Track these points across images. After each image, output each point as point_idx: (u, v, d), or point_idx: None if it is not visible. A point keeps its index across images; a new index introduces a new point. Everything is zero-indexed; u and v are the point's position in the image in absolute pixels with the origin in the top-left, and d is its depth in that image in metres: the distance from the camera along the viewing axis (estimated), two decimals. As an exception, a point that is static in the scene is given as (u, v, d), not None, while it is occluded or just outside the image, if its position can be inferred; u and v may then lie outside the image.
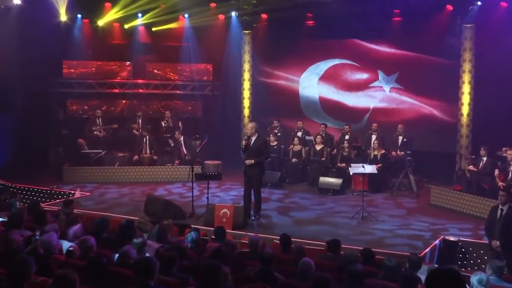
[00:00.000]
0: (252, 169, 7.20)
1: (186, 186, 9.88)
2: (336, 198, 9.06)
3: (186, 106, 13.31)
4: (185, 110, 13.26)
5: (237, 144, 11.51)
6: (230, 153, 11.41)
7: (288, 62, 12.30)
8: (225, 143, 12.13)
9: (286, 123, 11.77)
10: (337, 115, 11.94)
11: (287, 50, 12.17)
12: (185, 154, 10.86)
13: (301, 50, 12.09)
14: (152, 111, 13.08)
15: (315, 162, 10.13)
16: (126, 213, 7.66)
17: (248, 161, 7.17)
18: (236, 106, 12.58)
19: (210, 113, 12.78)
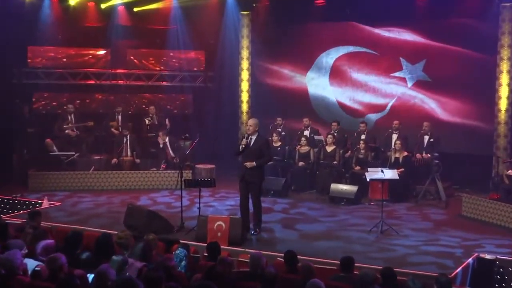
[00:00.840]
0: (252, 173, 7.20)
1: (173, 194, 9.90)
2: (350, 209, 9.05)
3: (174, 101, 13.37)
4: (172, 105, 13.32)
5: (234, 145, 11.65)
6: (225, 156, 11.46)
7: (293, 48, 12.33)
8: (220, 143, 12.17)
9: (292, 121, 11.83)
10: (352, 111, 11.99)
11: (292, 34, 12.21)
12: (173, 157, 10.88)
13: (309, 34, 12.14)
14: (134, 106, 13.13)
15: (326, 166, 10.15)
16: (103, 226, 7.65)
17: (249, 163, 7.17)
18: (232, 100, 12.62)
19: (202, 109, 12.84)
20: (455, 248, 6.95)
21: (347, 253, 5.78)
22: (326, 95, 12.27)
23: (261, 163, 7.28)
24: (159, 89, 13.00)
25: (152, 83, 12.86)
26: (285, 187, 10.04)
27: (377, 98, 11.78)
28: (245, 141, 7.19)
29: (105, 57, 12.80)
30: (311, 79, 12.37)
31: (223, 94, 12.65)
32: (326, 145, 10.44)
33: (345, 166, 10.43)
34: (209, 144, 12.13)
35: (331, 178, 9.87)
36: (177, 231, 7.43)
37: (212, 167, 10.85)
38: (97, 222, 8.04)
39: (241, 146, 7.19)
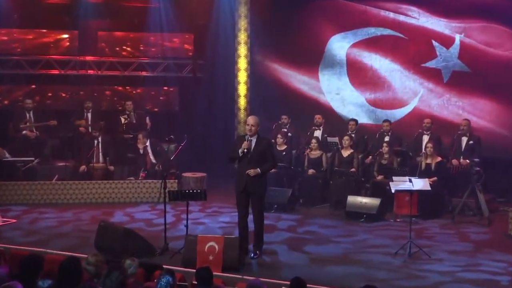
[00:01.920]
0: (255, 182, 7.20)
1: (155, 209, 9.93)
2: (371, 227, 9.05)
3: (155, 95, 13.43)
4: (154, 100, 13.37)
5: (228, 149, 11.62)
6: (218, 162, 11.48)
7: (301, 30, 12.41)
8: (212, 147, 12.23)
9: (300, 119, 11.89)
10: (373, 107, 12.09)
11: (300, 12, 12.28)
12: (154, 164, 10.91)
13: (321, 13, 12.21)
14: (107, 101, 13.16)
15: (341, 175, 10.17)
16: (69, 248, 7.64)
17: (253, 171, 7.17)
18: (227, 94, 12.69)
19: (190, 105, 12.88)
20: (501, 275, 6.93)
21: (368, 281, 5.79)
22: (341, 87, 12.35)
23: (266, 169, 7.30)
24: (138, 81, 13.07)
25: (129, 74, 12.91)
26: (292, 200, 10.06)
27: (404, 91, 11.87)
28: (246, 144, 7.19)
29: (71, 41, 12.84)
30: (324, 67, 12.45)
31: (216, 86, 12.70)
32: (342, 149, 10.46)
33: (365, 174, 10.45)
34: (198, 148, 12.17)
35: (348, 189, 9.87)
36: (159, 254, 7.42)
37: (203, 176, 10.87)
38: (61, 243, 8.02)
39: (244, 150, 7.17)
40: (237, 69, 12.57)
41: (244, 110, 12.54)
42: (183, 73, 13.11)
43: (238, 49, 12.50)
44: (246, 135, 7.28)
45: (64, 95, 13.05)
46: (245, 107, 12.57)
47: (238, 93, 12.59)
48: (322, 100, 12.42)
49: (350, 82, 12.30)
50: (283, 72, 12.61)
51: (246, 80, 12.59)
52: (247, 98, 12.58)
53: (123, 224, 8.35)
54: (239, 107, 12.60)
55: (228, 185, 11.12)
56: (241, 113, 12.57)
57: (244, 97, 12.59)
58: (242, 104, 12.59)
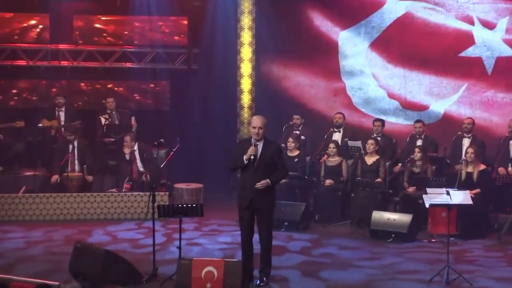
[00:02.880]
0: (263, 196, 7.16)
1: (142, 227, 9.94)
2: (401, 248, 8.98)
3: (142, 91, 13.42)
4: (141, 97, 13.38)
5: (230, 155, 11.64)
6: (217, 170, 11.48)
7: (316, 11, 12.47)
8: (210, 153, 12.26)
9: (316, 118, 11.89)
10: (402, 105, 12.11)
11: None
12: (142, 173, 10.93)
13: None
14: (84, 98, 13.19)
15: (365, 186, 10.16)
16: (39, 274, 7.59)
17: (261, 183, 7.14)
18: (228, 89, 12.70)
19: (184, 102, 12.91)
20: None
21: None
22: (364, 81, 12.37)
23: (276, 180, 7.27)
24: (121, 74, 13.09)
25: (110, 65, 12.96)
26: (306, 216, 10.03)
27: (440, 86, 11.90)
28: (253, 150, 7.17)
29: (42, 27, 12.85)
30: (345, 56, 12.50)
31: (214, 80, 12.71)
32: (365, 155, 10.46)
33: (394, 185, 10.43)
34: (193, 154, 12.19)
35: (373, 204, 9.87)
36: (147, 281, 7.38)
37: (199, 188, 10.88)
38: (29, 268, 7.97)
39: (250, 157, 7.13)
40: (240, 60, 12.59)
41: (248, 109, 12.57)
42: (175, 64, 13.13)
43: (241, 36, 12.53)
44: (252, 139, 7.25)
45: (32, 90, 13.02)
46: (250, 105, 12.60)
47: (241, 88, 12.60)
48: (343, 96, 12.47)
49: (374, 75, 12.34)
50: (295, 63, 12.64)
51: (250, 73, 12.61)
52: (251, 95, 12.60)
53: (103, 246, 8.30)
54: (242, 105, 12.63)
55: (229, 198, 11.10)
56: (245, 112, 12.60)
57: (248, 93, 12.61)
58: (246, 102, 12.61)
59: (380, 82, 12.31)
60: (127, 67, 13.01)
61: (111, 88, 13.21)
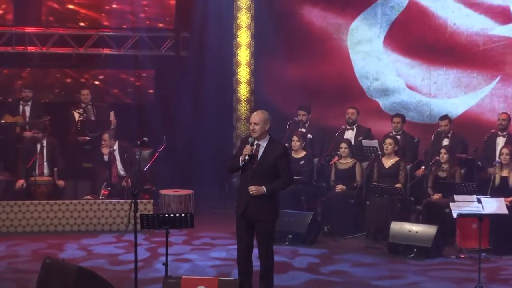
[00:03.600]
0: (260, 205, 7.11)
1: (122, 240, 9.93)
2: (424, 265, 8.95)
3: (123, 81, 13.38)
4: (121, 88, 13.35)
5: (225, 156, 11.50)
6: (210, 174, 11.46)
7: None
8: (201, 154, 12.25)
9: (324, 114, 11.86)
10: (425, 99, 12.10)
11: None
12: (122, 177, 10.92)
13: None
14: (55, 90, 13.13)
15: (383, 192, 10.12)
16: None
17: (255, 188, 7.11)
18: (223, 79, 12.69)
19: (171, 95, 12.88)
20: None
21: None
22: (382, 70, 12.35)
23: (276, 187, 7.20)
24: (98, 62, 13.04)
25: (85, 51, 12.89)
26: (313, 227, 9.98)
27: (470, 76, 11.87)
28: (249, 149, 7.15)
29: (5, 7, 12.79)
30: (356, 44, 12.45)
31: (206, 69, 12.68)
32: (383, 157, 10.43)
33: (416, 192, 10.40)
34: (182, 155, 12.19)
35: (392, 213, 9.85)
36: (128, 303, 7.41)
37: (188, 194, 10.85)
38: (-11, 288, 7.99)
39: (245, 158, 7.13)
40: (237, 45, 12.55)
41: (246, 103, 12.54)
42: (161, 50, 13.08)
43: (238, 17, 12.49)
44: (252, 138, 7.19)
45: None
46: (248, 98, 12.56)
47: (238, 78, 12.55)
48: (356, 88, 12.44)
49: (393, 63, 12.32)
50: (300, 49, 12.59)
51: (249, 61, 12.56)
52: (250, 86, 12.56)
53: (76, 262, 8.28)
54: (239, 98, 12.57)
55: (224, 207, 11.09)
56: (242, 106, 12.56)
57: (246, 84, 12.56)
58: (244, 94, 12.57)
59: (400, 71, 12.28)
60: (104, 53, 12.94)
61: (86, 78, 13.16)
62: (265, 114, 7.19)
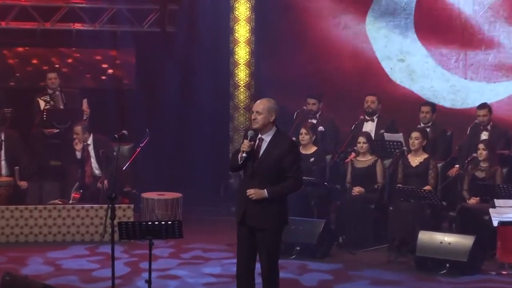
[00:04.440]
0: (262, 211, 7.09)
1: (97, 253, 9.95)
2: (458, 283, 8.94)
3: (97, 63, 13.41)
4: (95, 71, 13.38)
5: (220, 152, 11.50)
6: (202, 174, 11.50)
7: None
8: (192, 150, 12.30)
9: (338, 103, 11.89)
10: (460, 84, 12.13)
11: None
12: (97, 177, 10.95)
13: None
14: (15, 74, 13.15)
15: (409, 196, 10.12)
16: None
17: (253, 191, 7.10)
18: (218, 60, 12.72)
19: (155, 79, 12.93)
20: None
21: None
22: (407, 49, 12.39)
23: (281, 190, 7.17)
24: (68, 39, 13.03)
25: (52, 27, 12.88)
26: (325, 238, 9.98)
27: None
28: (247, 145, 7.16)
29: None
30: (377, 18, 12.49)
31: (198, 49, 12.70)
32: (409, 153, 10.44)
33: (448, 195, 10.41)
34: (169, 152, 12.23)
35: (420, 220, 9.87)
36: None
37: (176, 198, 10.84)
38: None
39: (242, 156, 7.13)
40: (234, 19, 12.58)
41: (245, 89, 12.58)
42: (144, 26, 13.08)
43: (235, -14, 12.57)
44: (252, 131, 7.16)
45: None
46: (247, 82, 12.59)
47: (236, 59, 12.59)
48: (376, 71, 12.47)
49: (421, 40, 12.34)
50: (311, 26, 12.63)
51: (248, 38, 12.59)
52: (250, 68, 12.59)
53: (42, 279, 8.26)
54: (236, 82, 12.62)
55: (219, 213, 11.14)
56: (240, 93, 12.60)
57: (245, 67, 12.59)
58: (242, 78, 12.60)
59: (430, 50, 12.30)
60: (75, 29, 12.94)
61: (54, 60, 13.16)
62: (271, 103, 7.16)
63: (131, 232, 7.52)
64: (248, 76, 12.57)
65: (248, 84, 12.56)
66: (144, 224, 7.66)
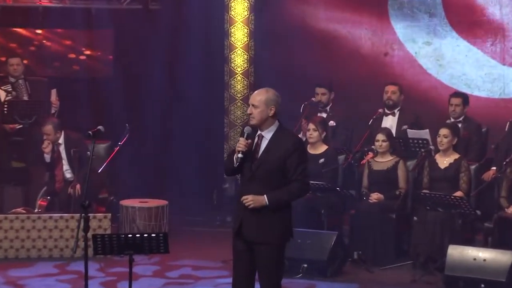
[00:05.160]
0: (261, 220, 7.13)
1: (67, 271, 9.97)
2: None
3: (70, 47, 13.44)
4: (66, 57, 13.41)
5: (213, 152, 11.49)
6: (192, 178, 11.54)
7: None
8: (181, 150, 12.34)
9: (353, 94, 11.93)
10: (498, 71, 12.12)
11: None
12: (68, 181, 10.97)
13: None
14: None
15: (436, 203, 10.12)
16: None
17: (250, 198, 7.09)
18: (211, 43, 12.78)
19: (137, 65, 12.96)
20: None
21: None
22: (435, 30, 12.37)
23: (283, 196, 7.15)
24: (33, 18, 13.03)
25: (14, 3, 12.95)
26: (338, 253, 10.02)
27: None
28: (243, 143, 7.15)
29: None
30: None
31: (187, 29, 12.70)
32: (437, 153, 10.45)
33: (483, 203, 10.42)
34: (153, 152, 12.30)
35: (449, 233, 9.91)
36: None
37: (161, 206, 10.85)
38: None
39: (238, 156, 7.12)
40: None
41: (242, 77, 12.60)
42: (123, 2, 13.12)
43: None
44: (248, 127, 7.15)
45: None
46: (246, 69, 12.61)
47: (231, 41, 12.61)
48: (398, 56, 12.48)
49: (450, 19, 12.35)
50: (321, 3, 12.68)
51: (247, 17, 12.61)
52: (249, 53, 12.62)
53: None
54: (232, 69, 12.64)
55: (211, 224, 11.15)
56: (237, 82, 12.63)
57: (243, 51, 12.61)
58: (239, 64, 12.62)
59: (462, 32, 12.30)
60: (42, 6, 12.96)
61: (17, 42, 13.17)
62: (270, 94, 7.14)
63: (108, 247, 7.53)
64: (246, 62, 12.59)
65: (246, 72, 12.57)
66: (123, 237, 7.68)
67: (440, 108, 11.44)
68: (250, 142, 7.04)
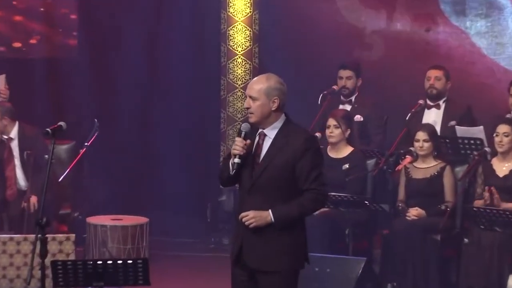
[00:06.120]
0: (266, 244, 7.08)
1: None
2: None
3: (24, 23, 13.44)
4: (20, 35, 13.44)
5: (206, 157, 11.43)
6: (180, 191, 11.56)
7: None
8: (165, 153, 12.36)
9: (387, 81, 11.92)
10: None
11: None
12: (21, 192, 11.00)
13: None
14: None
15: (493, 222, 10.07)
16: None
17: (252, 215, 6.95)
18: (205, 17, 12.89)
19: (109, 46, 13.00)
20: None
21: None
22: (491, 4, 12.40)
23: (293, 212, 7.12)
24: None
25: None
26: (367, 284, 10.12)
27: None
28: (241, 145, 7.01)
29: None
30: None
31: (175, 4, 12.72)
32: (494, 157, 10.43)
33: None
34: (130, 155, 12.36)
35: (509, 259, 9.97)
36: None
37: (140, 224, 10.83)
38: None
39: (234, 161, 7.00)
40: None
41: (243, 59, 12.58)
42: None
43: None
44: (246, 124, 7.16)
45: None
46: (247, 50, 12.61)
47: (230, 13, 12.64)
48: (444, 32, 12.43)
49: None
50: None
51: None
52: (252, 28, 12.61)
53: None
54: (232, 49, 12.63)
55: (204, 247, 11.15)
56: (237, 66, 12.63)
57: (244, 27, 12.60)
58: (240, 42, 12.66)
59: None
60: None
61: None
62: (272, 81, 7.13)
63: (72, 277, 7.58)
64: (248, 40, 12.60)
65: (248, 52, 12.55)
66: (90, 264, 7.70)
67: (498, 99, 11.46)
68: (250, 143, 7.01)
